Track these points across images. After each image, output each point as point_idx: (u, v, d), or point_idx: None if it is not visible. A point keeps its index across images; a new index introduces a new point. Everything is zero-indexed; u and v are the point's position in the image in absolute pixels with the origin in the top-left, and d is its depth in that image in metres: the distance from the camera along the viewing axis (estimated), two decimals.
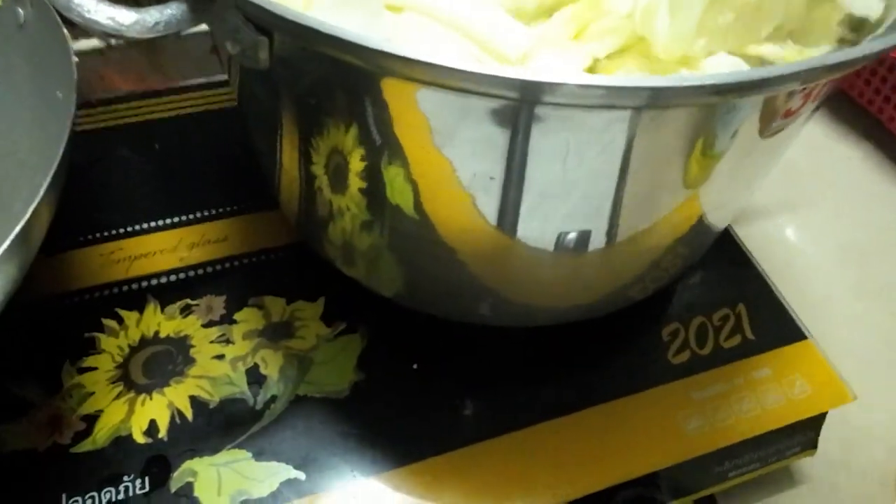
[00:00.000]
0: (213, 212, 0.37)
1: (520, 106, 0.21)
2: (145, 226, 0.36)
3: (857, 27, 0.24)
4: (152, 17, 0.18)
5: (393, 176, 0.26)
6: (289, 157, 0.29)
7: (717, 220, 0.30)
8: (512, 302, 0.32)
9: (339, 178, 0.28)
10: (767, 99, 0.22)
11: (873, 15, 0.23)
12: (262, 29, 0.20)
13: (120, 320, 0.33)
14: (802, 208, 0.46)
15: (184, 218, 0.37)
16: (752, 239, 0.39)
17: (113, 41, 0.42)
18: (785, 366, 0.33)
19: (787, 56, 0.23)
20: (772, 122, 0.23)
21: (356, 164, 0.27)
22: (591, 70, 0.24)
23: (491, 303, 0.32)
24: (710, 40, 0.22)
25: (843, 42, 0.24)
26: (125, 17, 0.17)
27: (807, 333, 0.34)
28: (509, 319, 0.33)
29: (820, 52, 0.23)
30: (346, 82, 0.23)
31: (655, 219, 0.27)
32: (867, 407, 0.33)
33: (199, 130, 0.42)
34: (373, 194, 0.28)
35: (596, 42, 0.24)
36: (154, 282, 0.34)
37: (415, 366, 0.33)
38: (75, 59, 0.26)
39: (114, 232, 0.36)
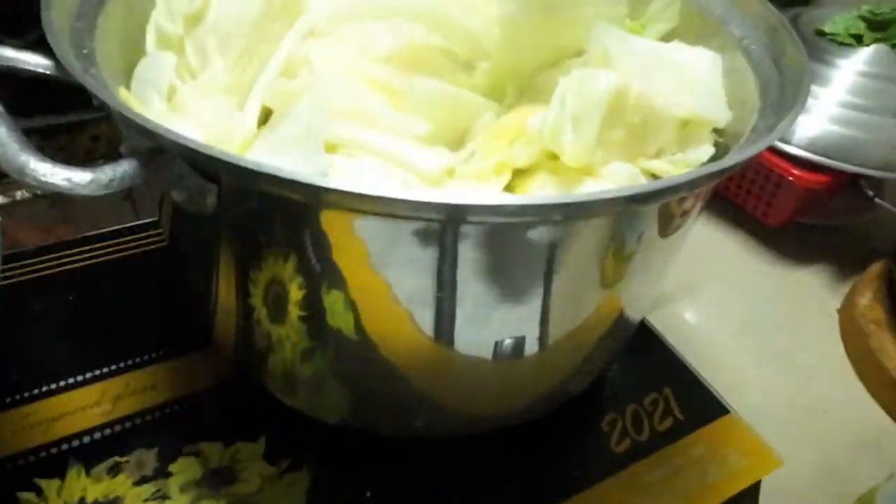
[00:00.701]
0: (137, 360, 0.35)
1: (446, 225, 0.23)
2: (63, 383, 0.34)
3: (721, 131, 0.29)
4: (106, 175, 0.18)
5: (333, 301, 0.27)
6: (226, 291, 0.29)
7: (636, 313, 0.33)
8: (457, 412, 0.32)
9: (278, 308, 0.28)
10: (664, 204, 0.25)
11: (726, 121, 0.27)
12: (208, 176, 0.21)
13: (38, 491, 0.30)
14: (697, 292, 0.50)
15: (105, 370, 0.35)
16: (658, 323, 0.42)
17: (19, 195, 0.41)
18: (717, 441, 0.35)
19: (674, 170, 0.27)
20: (669, 223, 0.27)
21: (295, 293, 0.27)
22: (509, 187, 0.27)
23: (436, 415, 0.32)
24: (606, 152, 0.26)
25: (717, 144, 0.28)
26: (81, 178, 0.18)
27: (728, 408, 0.37)
28: (456, 429, 0.34)
29: (702, 153, 0.27)
30: (286, 217, 0.24)
31: (583, 318, 0.29)
32: (790, 469, 0.35)
33: (115, 278, 0.40)
34: (313, 321, 0.28)
35: (512, 158, 0.26)
36: (76, 443, 0.32)
37: (368, 493, 0.32)
38: None
39: (27, 394, 0.33)
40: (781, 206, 0.52)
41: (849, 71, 0.51)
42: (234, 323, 0.31)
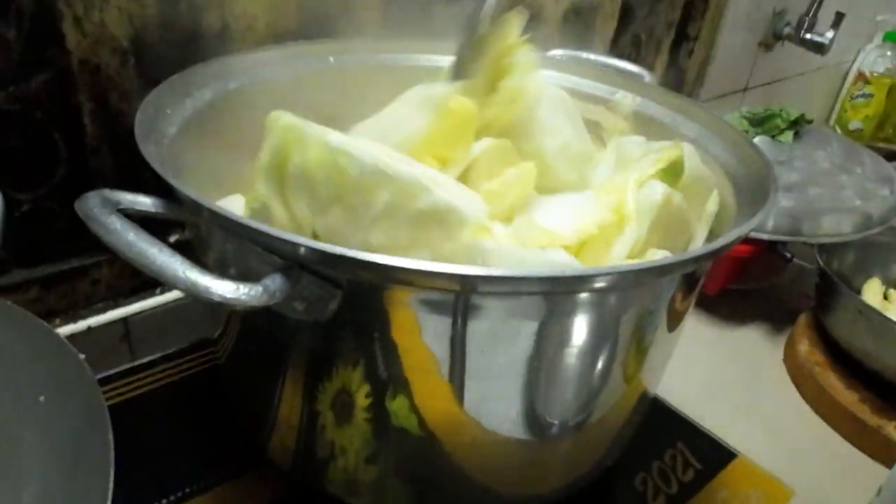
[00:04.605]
0: (186, 490, 0.34)
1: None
2: None
3: None
4: (268, 287, 0.20)
5: (399, 404, 0.29)
6: (290, 401, 0.30)
7: (652, 389, 0.37)
8: (514, 495, 0.34)
9: (344, 412, 0.30)
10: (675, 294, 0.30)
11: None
12: (335, 282, 0.23)
13: None
14: None
15: None
16: None
17: None
18: (735, 483, 0.39)
19: None
20: (675, 314, 0.31)
21: (362, 399, 0.29)
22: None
23: (501, 497, 0.33)
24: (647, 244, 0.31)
25: None
26: (255, 291, 0.20)
27: (735, 451, 0.41)
28: None
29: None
30: (364, 308, 0.25)
31: (619, 396, 0.32)
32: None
33: (145, 413, 0.40)
34: (378, 420, 0.29)
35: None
36: None
37: None
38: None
39: None
40: (717, 275, 0.60)
41: None
42: (296, 432, 0.31)
